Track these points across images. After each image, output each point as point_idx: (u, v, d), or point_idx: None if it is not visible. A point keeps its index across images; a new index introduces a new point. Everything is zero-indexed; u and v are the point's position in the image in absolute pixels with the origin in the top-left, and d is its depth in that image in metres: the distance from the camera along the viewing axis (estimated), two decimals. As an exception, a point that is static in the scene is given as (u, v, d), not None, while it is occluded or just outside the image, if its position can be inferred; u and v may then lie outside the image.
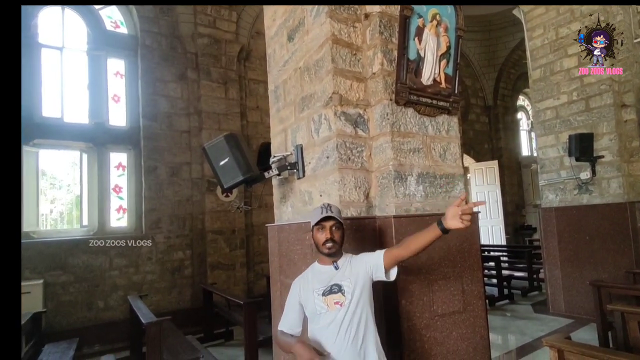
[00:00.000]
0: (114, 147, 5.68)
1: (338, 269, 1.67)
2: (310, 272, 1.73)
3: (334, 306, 1.58)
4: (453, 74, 2.30)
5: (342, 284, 1.62)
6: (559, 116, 5.42)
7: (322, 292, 1.61)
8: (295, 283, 1.74)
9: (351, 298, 1.59)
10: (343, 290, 1.60)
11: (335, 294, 1.60)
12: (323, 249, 1.65)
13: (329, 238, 1.63)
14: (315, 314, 1.60)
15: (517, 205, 11.26)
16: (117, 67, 5.88)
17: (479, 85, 11.01)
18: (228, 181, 2.25)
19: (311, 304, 1.62)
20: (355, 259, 1.71)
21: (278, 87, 2.79)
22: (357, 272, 1.64)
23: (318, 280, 1.66)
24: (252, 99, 6.79)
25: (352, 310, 1.58)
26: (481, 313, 2.26)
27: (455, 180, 2.38)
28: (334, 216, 1.64)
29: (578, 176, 5.12)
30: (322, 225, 1.65)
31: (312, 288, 1.64)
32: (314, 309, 1.61)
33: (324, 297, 1.60)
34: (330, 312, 1.58)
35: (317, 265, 1.73)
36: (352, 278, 1.63)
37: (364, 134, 2.23)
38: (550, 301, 5.39)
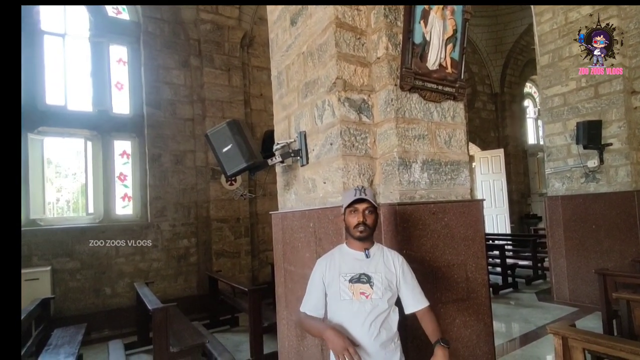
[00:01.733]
0: (118, 135, 5.69)
1: (369, 257, 1.61)
2: (337, 253, 1.67)
3: (359, 296, 1.53)
4: (459, 59, 2.25)
5: (373, 276, 1.57)
6: (566, 103, 5.33)
7: (349, 279, 1.56)
8: (320, 262, 1.67)
9: (381, 294, 1.54)
10: (372, 283, 1.55)
11: (364, 284, 1.55)
12: (354, 232, 1.59)
13: (361, 222, 1.58)
14: (339, 299, 1.56)
15: (523, 194, 11.18)
16: (119, 54, 5.84)
17: (486, 72, 10.83)
18: (231, 168, 2.25)
19: (335, 287, 1.57)
20: (391, 259, 1.64)
21: (281, 73, 2.75)
22: (391, 277, 1.60)
23: (346, 263, 1.60)
24: (256, 86, 6.74)
25: (378, 306, 1.54)
26: (485, 301, 2.26)
27: (460, 168, 2.35)
28: (367, 199, 1.59)
29: (585, 164, 5.06)
30: (354, 208, 1.60)
31: (339, 271, 1.59)
32: (337, 293, 1.56)
33: (351, 284, 1.55)
34: (355, 301, 1.53)
35: (346, 247, 1.66)
36: (384, 276, 1.58)
37: (368, 121, 2.20)
38: (554, 290, 5.38)
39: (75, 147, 5.71)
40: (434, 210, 2.14)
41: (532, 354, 3.66)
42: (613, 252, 4.77)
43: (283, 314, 2.70)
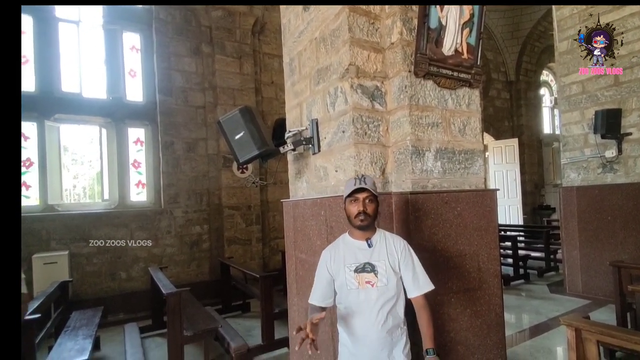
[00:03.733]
0: (132, 122, 5.75)
1: (372, 246, 1.62)
2: (341, 242, 1.68)
3: (365, 285, 1.56)
4: (476, 44, 2.20)
5: (376, 264, 1.59)
6: (585, 91, 5.18)
7: (354, 268, 1.58)
8: (325, 253, 1.69)
9: (386, 282, 1.57)
10: (376, 271, 1.57)
11: (368, 273, 1.57)
12: (355, 222, 1.60)
13: (362, 211, 1.58)
14: (345, 289, 1.58)
15: (536, 185, 10.99)
16: (132, 41, 5.86)
17: (501, 59, 10.56)
18: (244, 155, 2.26)
19: (341, 277, 1.59)
20: (393, 245, 1.64)
21: (293, 60, 2.73)
22: (394, 263, 1.61)
23: (350, 253, 1.62)
24: (267, 74, 6.70)
25: (385, 293, 1.56)
26: (496, 291, 2.24)
27: (474, 157, 2.32)
28: (367, 188, 1.59)
29: (603, 154, 4.93)
30: (355, 197, 1.60)
31: (344, 261, 1.60)
32: (343, 282, 1.58)
33: (356, 274, 1.57)
34: (361, 290, 1.56)
35: (349, 237, 1.67)
36: (388, 263, 1.59)
37: (380, 108, 2.17)
38: (567, 282, 5.32)
39: (90, 134, 5.80)
40: (446, 200, 2.12)
41: (543, 345, 3.65)
42: (628, 244, 4.68)
43: (294, 301, 2.73)
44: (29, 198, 5.00)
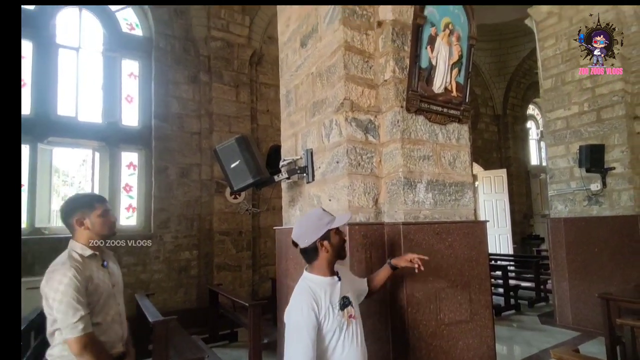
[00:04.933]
0: (126, 146, 5.77)
1: (341, 279, 1.57)
2: (316, 286, 1.50)
3: (350, 320, 1.50)
4: (464, 83, 2.31)
5: (349, 295, 1.56)
6: (569, 126, 5.38)
7: (339, 306, 1.49)
8: (304, 301, 1.44)
9: (358, 311, 1.58)
10: (352, 303, 1.55)
11: (348, 306, 1.52)
12: (344, 253, 1.58)
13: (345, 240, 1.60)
14: (340, 331, 1.45)
15: (525, 215, 11.15)
16: (131, 68, 5.98)
17: (489, 94, 10.97)
18: (238, 183, 2.29)
19: (332, 320, 1.44)
20: (346, 273, 1.67)
21: (290, 92, 2.82)
22: (353, 288, 1.65)
23: (331, 293, 1.50)
24: (263, 102, 6.85)
25: (360, 323, 1.56)
26: (488, 323, 2.25)
27: (464, 189, 2.38)
28: None
29: (588, 187, 5.07)
30: (337, 228, 1.55)
31: (330, 303, 1.47)
32: (337, 326, 1.45)
33: (342, 312, 1.49)
34: (350, 327, 1.49)
35: (318, 277, 1.53)
36: (353, 292, 1.62)
37: (374, 140, 2.25)
38: (557, 313, 5.32)
39: (82, 156, 5.79)
40: (438, 231, 2.16)
41: (535, 378, 3.61)
42: (616, 277, 4.73)
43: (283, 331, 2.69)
44: (16, 220, 4.91)
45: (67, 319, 1.53)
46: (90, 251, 1.72)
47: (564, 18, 5.39)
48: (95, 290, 1.65)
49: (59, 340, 1.63)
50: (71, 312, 1.53)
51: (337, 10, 2.22)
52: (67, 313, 1.53)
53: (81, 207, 1.74)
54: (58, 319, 1.56)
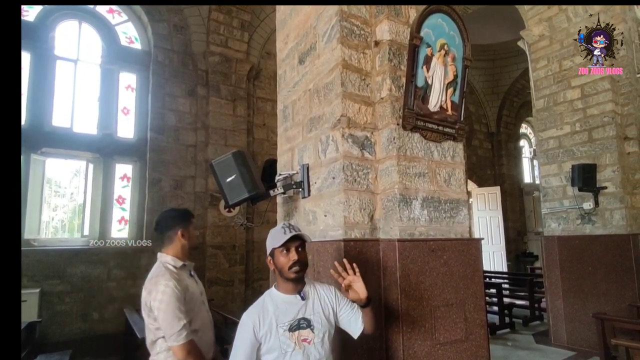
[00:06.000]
0: (120, 158, 5.75)
1: (305, 299, 1.51)
2: (269, 301, 1.51)
3: (301, 343, 1.42)
4: (459, 102, 2.35)
5: (312, 318, 1.47)
6: (562, 146, 5.46)
7: (288, 327, 1.43)
8: (249, 314, 1.48)
9: (322, 336, 1.46)
10: (312, 326, 1.46)
11: (304, 329, 1.44)
12: (289, 275, 1.46)
13: (296, 260, 1.46)
14: (279, 353, 1.40)
15: (519, 232, 11.20)
16: (128, 80, 6.01)
17: (483, 112, 11.16)
18: (234, 198, 2.27)
19: (274, 340, 1.41)
20: (324, 293, 1.57)
21: (287, 107, 2.84)
22: (329, 313, 1.53)
23: (282, 312, 1.46)
24: (260, 116, 6.89)
25: (321, 350, 1.44)
26: (483, 343, 2.23)
27: (459, 206, 2.39)
28: (300, 235, 1.50)
29: (581, 206, 5.11)
30: (287, 247, 1.47)
31: (275, 322, 1.43)
32: (278, 346, 1.40)
33: (291, 333, 1.42)
34: (298, 350, 1.41)
35: (277, 293, 1.52)
36: (323, 316, 1.50)
37: (370, 157, 2.26)
38: (552, 332, 5.28)
39: (74, 167, 5.75)
40: (433, 248, 2.15)
41: (531, 400, 3.56)
42: (610, 295, 4.73)
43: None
44: (5, 232, 4.82)
45: (172, 327, 1.63)
46: (181, 262, 1.86)
47: (555, 41, 5.53)
48: (191, 298, 1.78)
49: (163, 348, 1.74)
50: (175, 321, 1.64)
51: (336, 29, 2.26)
52: (172, 322, 1.63)
53: (182, 220, 1.92)
54: (162, 328, 1.66)
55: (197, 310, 1.80)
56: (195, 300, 1.81)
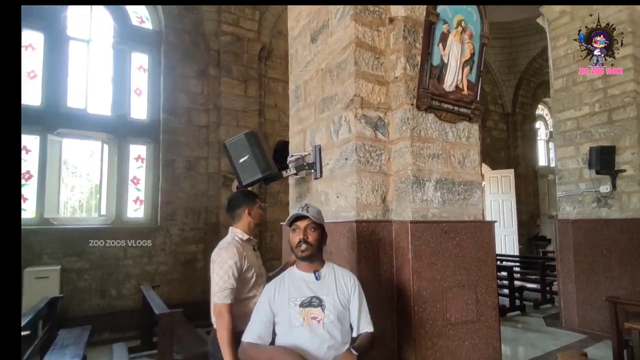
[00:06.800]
0: (134, 139, 5.81)
1: (319, 279, 1.54)
2: (287, 277, 1.58)
3: (310, 321, 1.44)
4: (476, 81, 2.29)
5: (324, 298, 1.49)
6: (579, 127, 5.31)
7: (299, 303, 1.47)
8: (268, 287, 1.59)
9: (333, 318, 1.47)
10: (323, 306, 1.47)
11: (315, 307, 1.47)
12: (297, 252, 1.54)
13: (302, 239, 1.52)
14: (287, 325, 1.46)
15: (532, 215, 11.06)
16: (140, 61, 6.00)
17: (498, 92, 10.87)
18: (247, 178, 2.29)
19: (285, 313, 1.47)
20: (342, 279, 1.57)
21: (299, 87, 2.81)
22: (344, 298, 1.53)
23: (295, 287, 1.52)
24: (271, 97, 6.85)
25: (331, 331, 1.45)
26: (494, 324, 2.24)
27: (473, 188, 2.36)
28: (307, 215, 1.53)
29: (597, 189, 5.01)
30: (296, 226, 1.55)
31: (289, 296, 1.50)
32: (287, 320, 1.46)
33: (301, 309, 1.46)
34: (306, 327, 1.44)
35: (295, 270, 1.59)
36: (337, 297, 1.51)
37: (383, 138, 2.24)
38: (563, 315, 5.28)
39: (90, 148, 5.85)
40: (446, 229, 2.15)
41: (539, 380, 3.59)
42: (624, 279, 4.68)
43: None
44: (25, 211, 4.98)
45: (218, 285, 1.82)
46: (247, 236, 2.08)
47: (576, 18, 5.30)
48: (249, 267, 1.95)
49: None
50: (223, 281, 1.82)
51: (349, 5, 2.20)
52: (220, 280, 1.82)
53: (248, 200, 2.13)
54: (213, 284, 1.86)
55: (254, 280, 1.97)
56: (253, 270, 1.98)
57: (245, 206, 2.11)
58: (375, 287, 2.00)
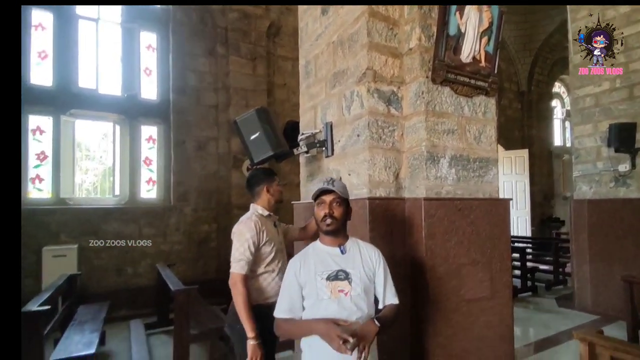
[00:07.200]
0: (145, 120, 5.81)
1: (344, 252, 1.54)
2: (311, 250, 1.58)
3: (337, 294, 1.45)
4: (493, 53, 2.20)
5: (350, 271, 1.49)
6: (599, 104, 5.13)
7: (326, 276, 1.47)
8: (293, 261, 1.58)
9: (360, 291, 1.47)
10: (350, 279, 1.47)
11: (342, 281, 1.47)
12: (322, 226, 1.52)
13: (328, 213, 1.50)
14: (315, 299, 1.46)
15: (546, 196, 10.88)
16: (149, 40, 5.94)
17: (513, 69, 10.53)
18: (258, 156, 2.27)
19: (312, 287, 1.47)
20: (367, 253, 1.57)
21: (309, 62, 2.74)
22: (369, 272, 1.53)
23: (321, 261, 1.52)
24: (280, 76, 6.75)
25: (358, 304, 1.45)
26: (508, 302, 2.23)
27: (489, 165, 2.31)
28: (334, 190, 1.51)
29: (616, 168, 4.87)
30: (322, 200, 1.54)
31: (315, 270, 1.49)
32: (315, 293, 1.46)
33: (328, 282, 1.46)
34: (333, 299, 1.44)
35: (320, 244, 1.58)
36: (362, 271, 1.51)
37: (396, 113, 2.18)
38: (576, 296, 5.24)
39: (103, 130, 5.89)
40: (460, 207, 2.11)
41: (551, 359, 3.59)
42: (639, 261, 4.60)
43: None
44: (41, 191, 5.07)
45: (234, 256, 1.92)
46: (267, 212, 2.15)
47: (599, -13, 5.04)
48: (269, 241, 2.01)
49: None
50: (239, 253, 1.91)
51: (362, -26, 2.11)
52: (236, 252, 1.91)
53: (266, 178, 2.18)
54: (231, 254, 1.94)
55: (274, 254, 2.02)
56: (273, 245, 2.03)
57: (264, 184, 2.16)
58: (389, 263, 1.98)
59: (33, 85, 5.00)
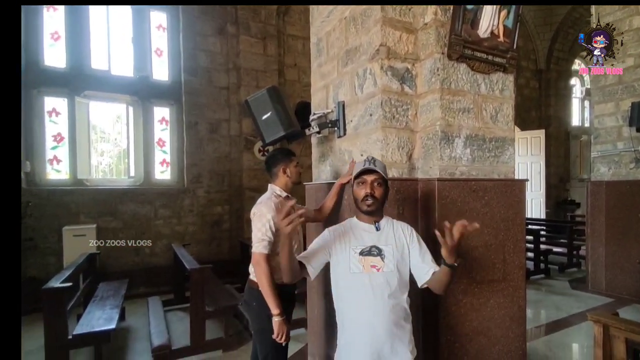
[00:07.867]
0: (158, 101, 5.84)
1: (379, 230, 1.55)
2: (348, 225, 1.61)
3: (369, 269, 1.48)
4: (513, 27, 2.11)
5: (384, 248, 1.51)
6: (621, 81, 4.93)
7: (359, 251, 1.50)
8: (329, 229, 1.61)
9: (393, 268, 1.49)
10: (383, 255, 1.50)
11: (375, 256, 1.50)
12: (362, 205, 1.53)
13: (369, 193, 1.51)
14: (348, 272, 1.49)
15: (562, 179, 10.64)
16: (159, 20, 5.90)
17: (532, 46, 10.13)
18: (270, 136, 2.25)
19: (345, 259, 1.51)
20: (400, 228, 1.58)
21: (321, 40, 2.68)
22: (403, 248, 1.54)
23: (356, 236, 1.54)
24: (290, 56, 6.65)
25: (390, 280, 1.47)
26: (520, 284, 2.21)
27: (505, 145, 2.25)
28: (377, 170, 1.52)
29: (637, 148, 4.72)
30: (363, 179, 1.53)
31: (349, 243, 1.53)
32: (347, 264, 1.50)
33: (361, 257, 1.49)
34: (365, 274, 1.47)
35: (356, 220, 1.61)
36: (395, 248, 1.52)
37: (410, 91, 2.12)
38: (590, 278, 5.19)
39: (117, 112, 5.94)
40: (474, 188, 2.07)
41: (563, 341, 3.59)
42: (659, 244, 4.51)
43: (313, 283, 2.76)
44: (59, 172, 5.19)
45: (257, 236, 1.96)
46: (285, 193, 2.16)
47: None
48: None
49: None
50: (261, 233, 1.96)
51: (376, -55, 2.02)
52: (258, 232, 1.96)
53: (284, 159, 2.20)
54: (252, 236, 1.99)
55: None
56: None
57: (282, 164, 2.17)
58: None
59: (47, 67, 5.04)
